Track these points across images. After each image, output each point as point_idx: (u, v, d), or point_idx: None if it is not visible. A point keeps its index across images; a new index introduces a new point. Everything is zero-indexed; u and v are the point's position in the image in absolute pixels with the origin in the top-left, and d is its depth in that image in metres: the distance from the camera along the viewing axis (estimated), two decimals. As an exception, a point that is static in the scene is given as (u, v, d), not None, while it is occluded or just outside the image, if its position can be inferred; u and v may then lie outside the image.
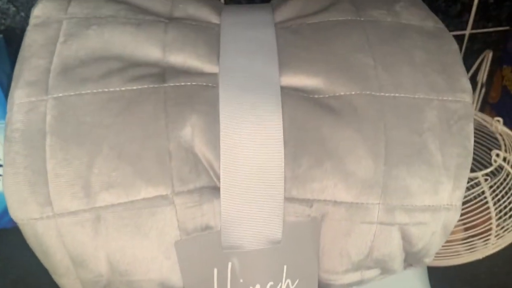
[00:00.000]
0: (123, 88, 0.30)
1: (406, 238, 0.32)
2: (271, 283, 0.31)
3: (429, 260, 0.35)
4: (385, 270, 0.34)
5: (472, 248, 0.43)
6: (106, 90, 0.29)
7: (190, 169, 0.29)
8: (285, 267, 0.31)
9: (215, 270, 0.31)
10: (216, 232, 0.30)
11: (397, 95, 0.31)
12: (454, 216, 0.32)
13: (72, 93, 0.29)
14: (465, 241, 0.44)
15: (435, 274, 0.47)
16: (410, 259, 0.34)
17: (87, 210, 0.28)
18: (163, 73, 0.31)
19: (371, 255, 0.32)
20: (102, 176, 0.28)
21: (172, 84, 0.30)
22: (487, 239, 0.44)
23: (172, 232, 0.29)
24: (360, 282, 0.33)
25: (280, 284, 0.32)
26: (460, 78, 0.32)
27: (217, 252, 0.30)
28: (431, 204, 0.31)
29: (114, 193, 0.28)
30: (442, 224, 0.32)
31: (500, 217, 0.45)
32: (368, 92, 0.31)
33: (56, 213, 0.28)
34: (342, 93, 0.31)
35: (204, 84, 0.31)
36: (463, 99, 0.32)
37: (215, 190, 0.30)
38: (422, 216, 0.31)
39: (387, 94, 0.31)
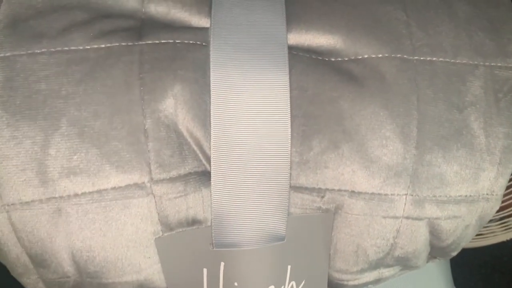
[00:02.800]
0: (87, 47, 0.23)
1: (435, 233, 0.26)
2: (272, 287, 0.26)
3: (456, 253, 0.30)
4: (407, 267, 0.29)
5: (508, 227, 0.39)
6: (66, 49, 0.23)
7: (173, 151, 0.23)
8: (289, 267, 0.26)
9: (205, 271, 0.26)
10: (205, 228, 0.25)
11: (434, 59, 0.25)
12: (493, 207, 0.27)
13: (23, 52, 0.23)
14: (501, 221, 0.39)
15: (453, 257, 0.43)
16: (436, 253, 0.29)
17: (44, 200, 0.23)
18: (139, 27, 0.24)
19: (393, 253, 0.26)
20: (61, 159, 0.22)
21: (150, 42, 0.24)
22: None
23: (151, 227, 0.24)
24: (377, 281, 0.28)
25: None
26: None
27: (207, 251, 0.25)
28: (468, 195, 0.25)
29: (77, 181, 0.23)
30: (478, 216, 0.27)
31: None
32: (398, 55, 0.25)
33: (7, 204, 0.23)
34: (366, 56, 0.25)
35: (191, 42, 0.24)
36: None
37: (204, 176, 0.24)
38: (456, 209, 0.26)
39: (422, 58, 0.25)
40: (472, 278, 0.43)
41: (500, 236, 0.41)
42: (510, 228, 0.40)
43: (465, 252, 0.43)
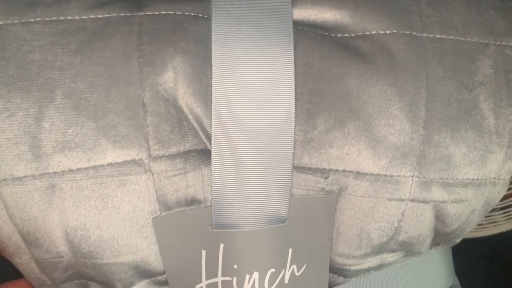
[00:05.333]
0: (84, 17, 0.22)
1: (440, 218, 0.26)
2: (272, 270, 0.25)
3: (460, 240, 0.29)
4: (410, 253, 0.28)
5: (510, 217, 0.38)
6: (62, 18, 0.22)
7: (172, 127, 0.22)
8: (290, 250, 0.25)
9: (204, 252, 0.25)
10: (205, 208, 0.24)
11: (444, 37, 0.24)
12: (499, 192, 0.26)
13: (16, 21, 0.22)
14: (504, 210, 0.39)
15: (453, 247, 0.42)
16: (440, 239, 0.28)
17: (37, 176, 0.22)
18: None
19: (397, 237, 0.26)
20: (56, 133, 0.21)
21: (149, 13, 0.23)
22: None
23: (148, 206, 0.23)
24: (380, 267, 0.28)
25: (283, 271, 0.26)
26: None
27: (206, 232, 0.24)
28: (475, 178, 0.25)
29: (72, 155, 0.22)
30: (485, 200, 0.26)
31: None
32: (407, 32, 0.24)
33: None
34: (374, 32, 0.24)
35: (193, 14, 0.23)
36: None
37: (205, 154, 0.23)
38: (463, 192, 0.25)
39: (431, 36, 0.24)
40: (471, 269, 0.43)
41: (502, 226, 0.40)
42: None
43: (465, 243, 0.43)
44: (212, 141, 0.23)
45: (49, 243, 0.23)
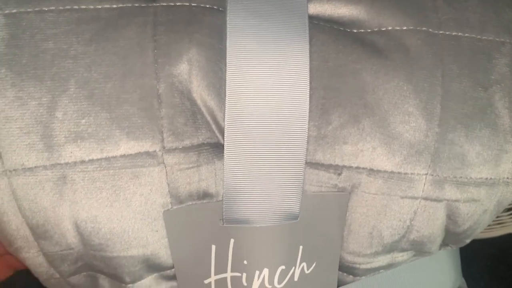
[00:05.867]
0: (99, 6, 0.22)
1: (452, 217, 0.26)
2: (282, 267, 0.25)
3: (470, 240, 0.29)
4: (420, 252, 0.28)
5: None
6: (76, 7, 0.22)
7: (186, 119, 0.22)
8: (301, 248, 0.25)
9: (213, 247, 0.25)
10: (216, 202, 0.23)
11: (460, 34, 0.24)
12: None
13: (30, 10, 0.22)
14: (510, 211, 0.38)
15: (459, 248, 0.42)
16: (450, 239, 0.28)
17: (49, 167, 0.21)
18: None
19: (408, 236, 0.25)
20: (68, 122, 0.21)
21: (164, 4, 0.23)
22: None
23: (160, 199, 0.23)
24: (389, 266, 0.27)
25: (293, 269, 0.25)
26: None
27: (217, 226, 0.24)
28: (488, 177, 0.25)
29: (85, 146, 0.21)
30: (497, 201, 0.26)
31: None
32: (424, 29, 0.24)
33: (8, 169, 0.21)
34: (390, 28, 0.24)
35: (208, 6, 0.23)
36: None
37: (218, 148, 0.23)
38: (476, 192, 0.25)
39: (447, 33, 0.24)
40: (477, 270, 0.43)
41: (508, 227, 0.40)
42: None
43: (470, 244, 0.42)
44: (225, 135, 0.23)
45: (59, 235, 0.23)
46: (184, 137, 0.22)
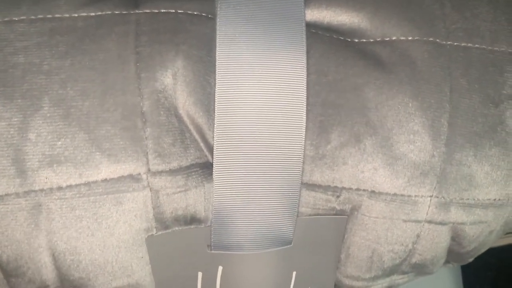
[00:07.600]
0: (75, 15, 0.20)
1: (457, 239, 0.24)
2: None
3: (473, 259, 0.28)
4: (421, 273, 0.26)
5: None
6: (49, 16, 0.20)
7: (174, 139, 0.20)
8: (294, 273, 0.24)
9: (200, 275, 0.23)
10: (204, 228, 0.22)
11: (469, 45, 0.22)
12: None
13: None
14: None
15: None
16: (453, 258, 0.27)
17: (22, 194, 0.20)
18: None
19: (410, 259, 0.24)
20: (42, 145, 0.19)
21: (148, 11, 0.21)
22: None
23: (145, 223, 0.21)
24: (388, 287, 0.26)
25: None
26: None
27: (204, 253, 0.22)
28: (497, 198, 0.23)
29: (61, 171, 0.19)
30: (504, 221, 0.24)
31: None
32: (431, 39, 0.22)
33: None
34: (394, 38, 0.22)
35: (196, 13, 0.21)
36: None
37: (208, 169, 0.21)
38: (483, 213, 0.23)
39: (456, 44, 0.22)
40: (478, 280, 0.42)
41: (509, 237, 0.39)
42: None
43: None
44: (214, 155, 0.21)
45: (33, 271, 0.21)
46: (171, 159, 0.20)
